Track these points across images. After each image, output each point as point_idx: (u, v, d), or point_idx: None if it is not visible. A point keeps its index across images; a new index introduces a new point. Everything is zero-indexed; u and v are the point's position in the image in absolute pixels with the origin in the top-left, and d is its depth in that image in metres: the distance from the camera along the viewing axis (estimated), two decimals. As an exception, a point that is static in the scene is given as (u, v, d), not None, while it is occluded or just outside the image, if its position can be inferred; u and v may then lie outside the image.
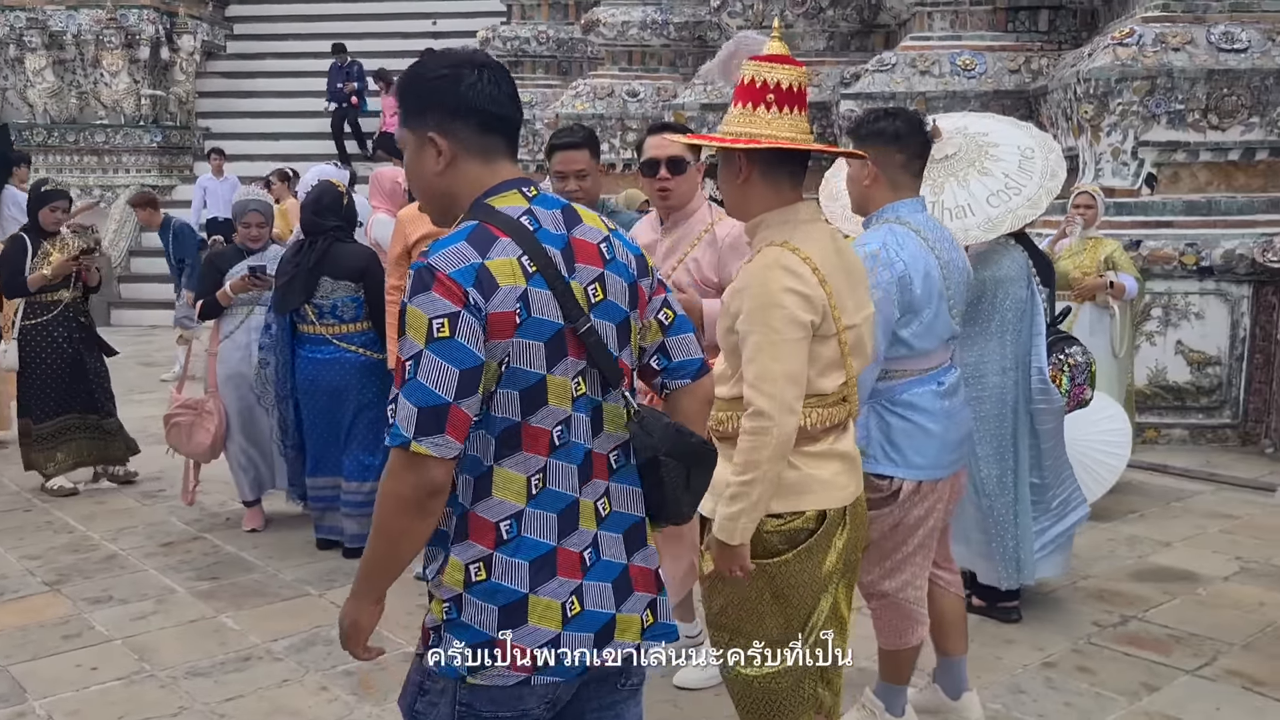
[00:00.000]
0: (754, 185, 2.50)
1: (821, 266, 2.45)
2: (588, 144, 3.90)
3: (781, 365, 2.38)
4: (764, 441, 2.38)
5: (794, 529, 2.50)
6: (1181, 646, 4.05)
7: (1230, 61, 7.57)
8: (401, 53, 17.43)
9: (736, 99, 2.49)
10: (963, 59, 9.33)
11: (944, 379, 3.08)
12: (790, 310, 2.39)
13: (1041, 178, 4.09)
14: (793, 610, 2.55)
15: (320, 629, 4.17)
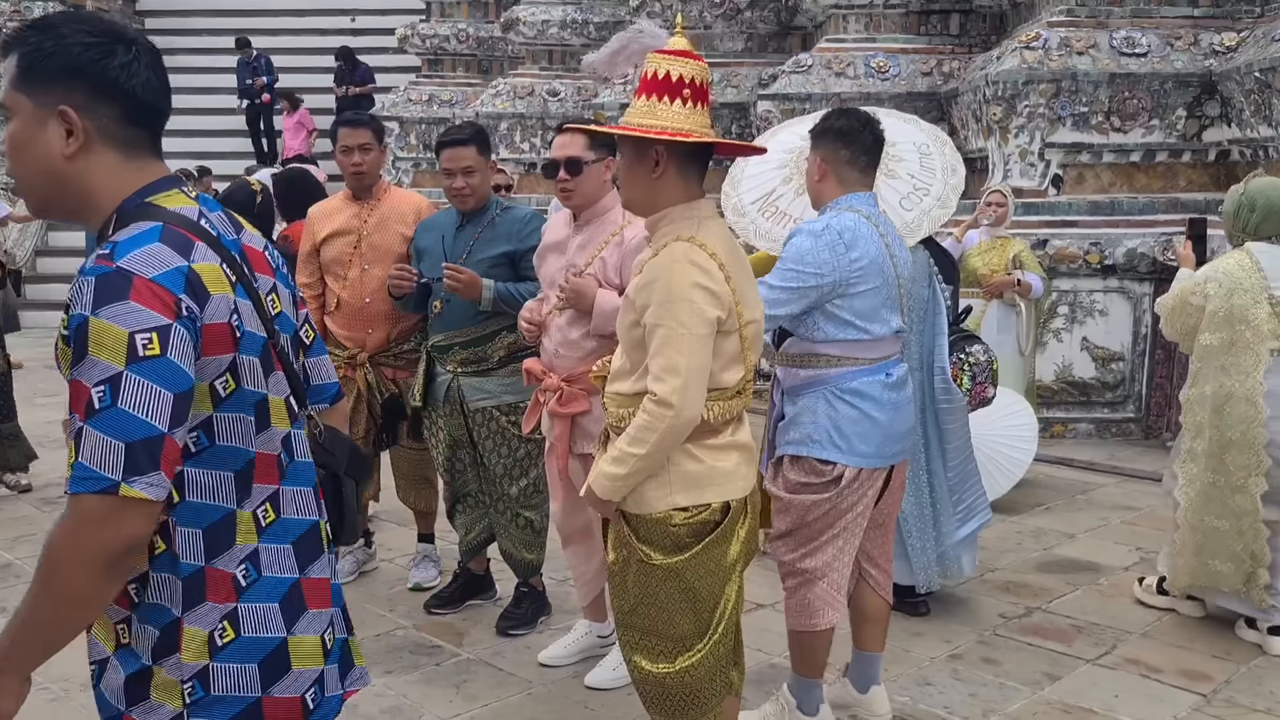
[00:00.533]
0: (667, 179, 2.51)
1: (726, 262, 2.48)
2: (475, 141, 3.91)
3: (686, 359, 2.41)
4: (659, 426, 2.42)
5: (701, 521, 2.53)
6: (1083, 636, 4.15)
7: (1131, 65, 7.79)
8: (319, 49, 17.21)
9: (642, 91, 2.48)
10: (877, 61, 9.47)
11: (893, 371, 3.17)
12: (699, 306, 2.41)
13: (944, 174, 4.15)
14: (702, 604, 2.58)
15: (225, 637, 4.07)
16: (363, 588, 4.60)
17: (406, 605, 4.39)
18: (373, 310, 4.33)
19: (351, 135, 4.33)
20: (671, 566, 2.52)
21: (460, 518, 4.27)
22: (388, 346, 4.38)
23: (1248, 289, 3.89)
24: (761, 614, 4.34)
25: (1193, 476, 4.10)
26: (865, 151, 3.19)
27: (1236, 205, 4.07)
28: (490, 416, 4.00)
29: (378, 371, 4.39)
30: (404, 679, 3.74)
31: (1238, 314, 3.90)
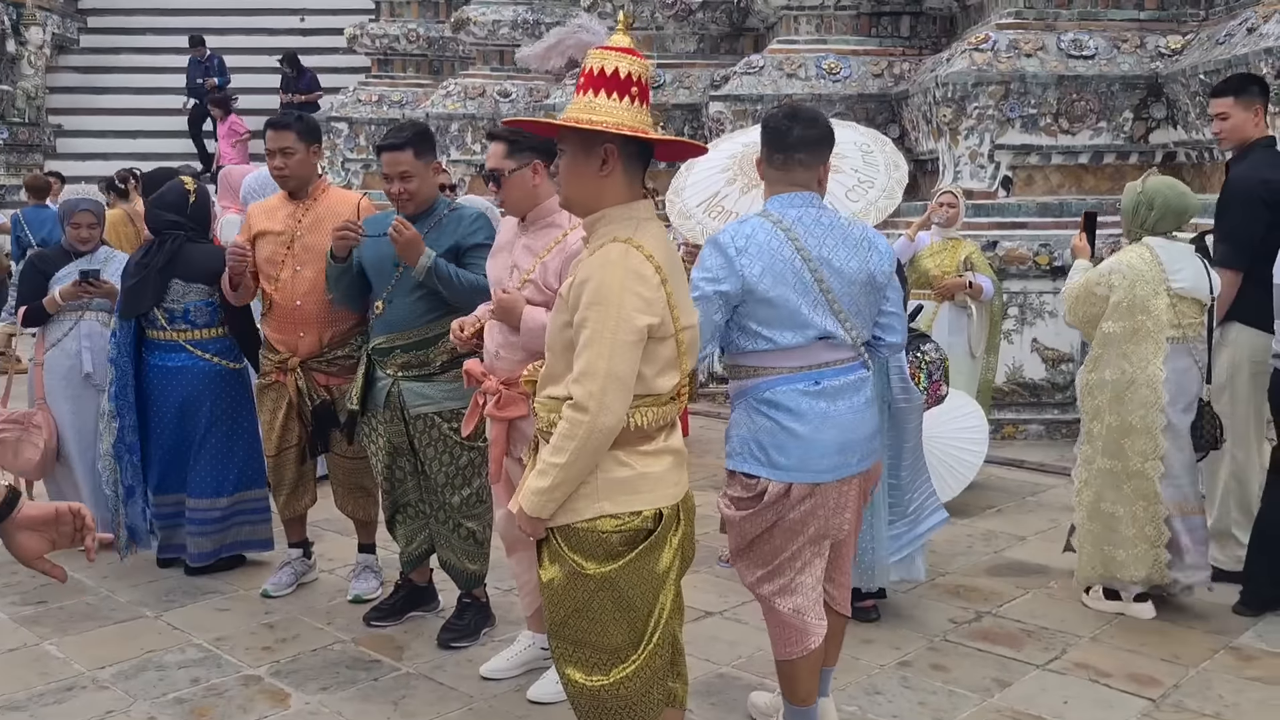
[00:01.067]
0: (614, 179, 2.44)
1: (664, 265, 2.41)
2: (412, 144, 3.82)
3: (609, 364, 2.34)
4: (578, 433, 2.36)
5: (633, 529, 2.45)
6: (1033, 640, 4.11)
7: (1079, 68, 7.81)
8: (268, 49, 16.94)
9: (587, 86, 2.41)
10: (828, 62, 9.45)
11: (822, 379, 2.94)
12: (629, 312, 2.34)
13: (887, 169, 4.15)
14: (636, 614, 2.49)
15: (153, 654, 3.93)
16: (301, 600, 4.47)
17: (345, 618, 4.27)
18: (304, 313, 4.21)
19: (275, 138, 4.23)
20: (604, 575, 2.44)
21: (401, 528, 4.16)
22: (320, 351, 4.26)
23: (1148, 280, 4.12)
24: (710, 622, 4.27)
25: (1089, 458, 4.32)
26: (782, 148, 2.98)
27: (1135, 203, 4.25)
28: (432, 423, 3.90)
29: (309, 377, 4.27)
30: (339, 695, 3.62)
31: (1139, 304, 4.12)
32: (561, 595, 2.49)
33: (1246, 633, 4.15)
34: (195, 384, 4.61)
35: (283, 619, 4.27)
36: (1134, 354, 4.16)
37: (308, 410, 4.28)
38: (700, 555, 4.99)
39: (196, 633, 4.12)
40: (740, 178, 4.19)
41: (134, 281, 4.59)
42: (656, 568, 2.48)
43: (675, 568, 2.55)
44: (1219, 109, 4.68)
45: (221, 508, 4.68)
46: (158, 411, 4.65)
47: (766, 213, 2.98)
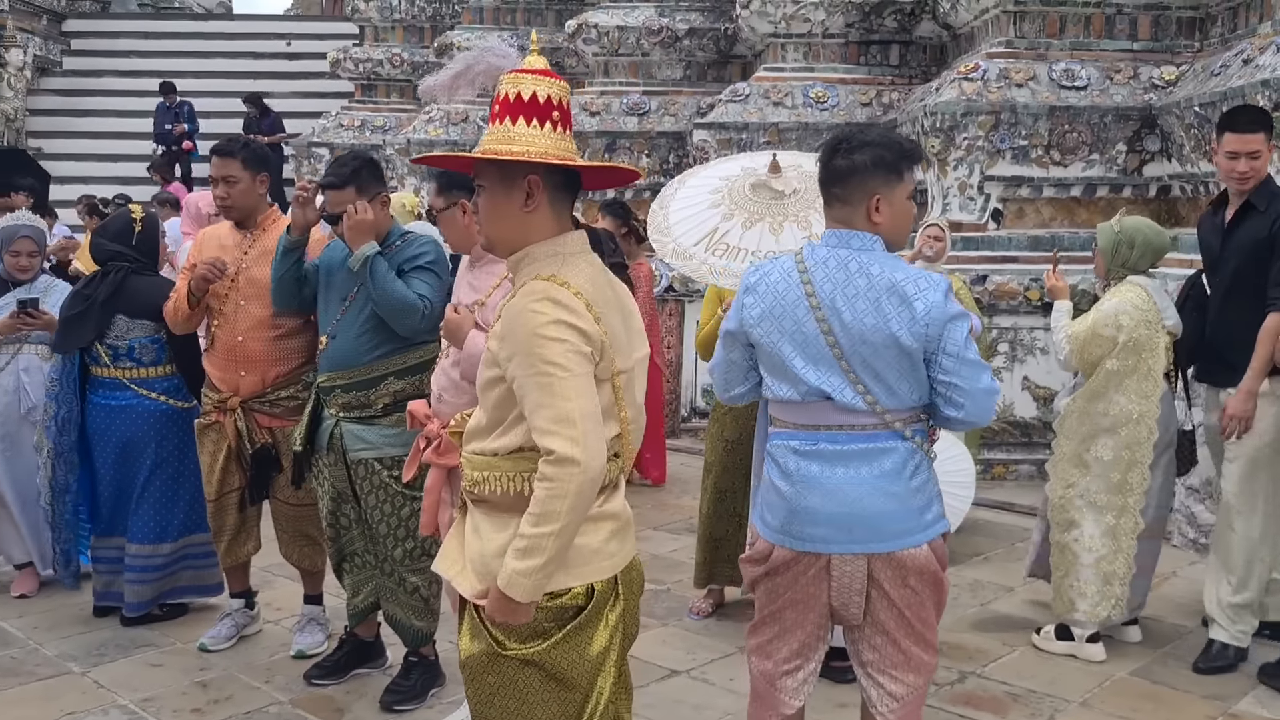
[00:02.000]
0: (540, 213, 2.23)
1: (594, 302, 2.17)
2: (352, 182, 3.62)
3: (575, 403, 2.09)
4: (566, 489, 2.08)
5: (562, 605, 2.20)
6: (1019, 705, 3.85)
7: (1071, 99, 7.63)
8: (254, 73, 16.78)
9: (503, 114, 2.19)
10: (815, 91, 9.27)
11: (822, 441, 2.59)
12: (570, 343, 2.11)
13: None
14: (568, 695, 2.24)
15: (72, 717, 3.65)
16: (240, 655, 4.19)
17: (285, 676, 4.00)
18: (246, 350, 3.97)
19: (219, 165, 4.02)
20: (527, 656, 2.19)
21: (347, 577, 3.90)
22: (263, 392, 4.01)
23: (1151, 321, 4.15)
24: (675, 682, 4.01)
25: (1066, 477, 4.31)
26: (824, 182, 2.66)
27: (1115, 243, 4.26)
28: (372, 470, 3.64)
29: (250, 418, 4.01)
30: (268, 766, 3.35)
31: (1143, 344, 4.14)
32: (481, 673, 2.24)
33: (1246, 698, 3.90)
34: (140, 424, 4.36)
35: (218, 676, 4.00)
36: (1135, 391, 4.18)
37: (247, 453, 4.02)
38: (671, 607, 4.77)
39: (123, 692, 3.85)
40: (738, 212, 3.99)
41: (73, 314, 4.35)
42: (589, 649, 2.23)
43: (615, 647, 2.29)
44: (1251, 146, 4.11)
45: (164, 554, 4.42)
46: (101, 452, 4.41)
47: (798, 252, 2.67)
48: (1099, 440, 4.23)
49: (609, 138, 10.30)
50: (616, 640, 2.29)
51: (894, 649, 2.69)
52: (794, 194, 3.88)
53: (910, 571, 2.62)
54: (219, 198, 4.04)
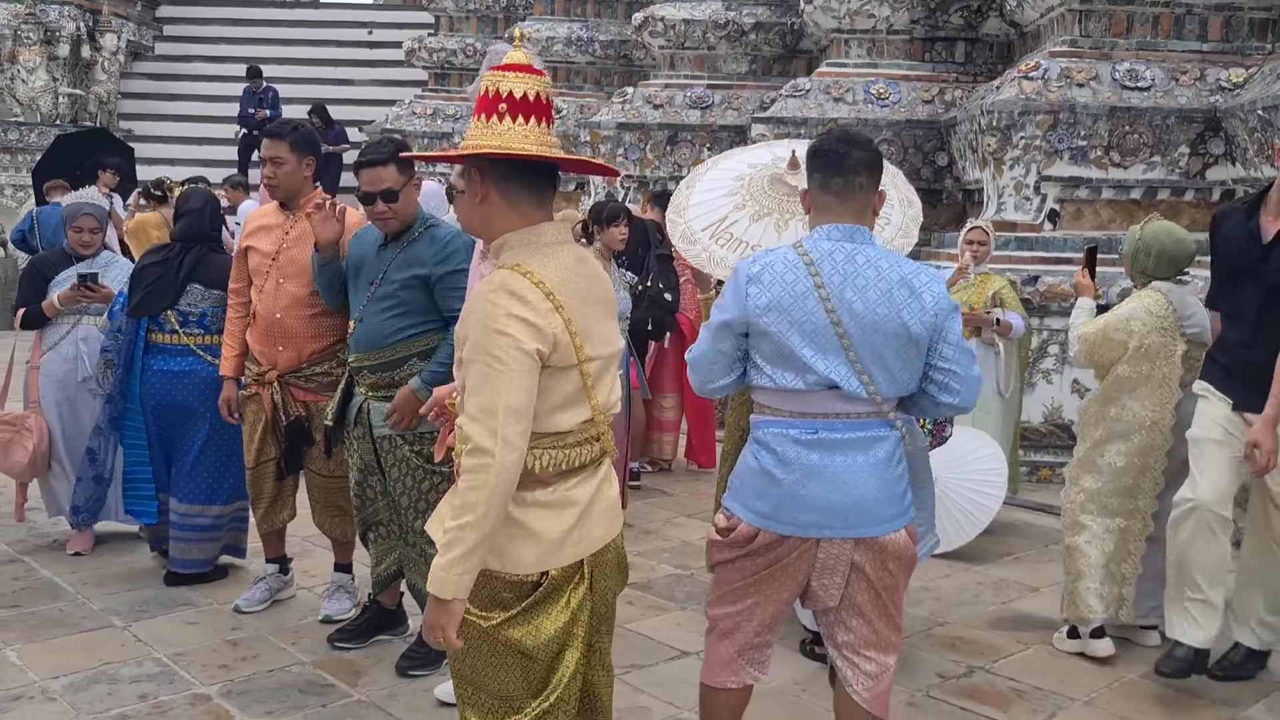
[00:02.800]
0: (492, 205, 2.33)
1: (558, 291, 2.26)
2: (394, 160, 3.72)
3: (503, 398, 2.18)
4: (482, 480, 2.16)
5: (520, 580, 2.30)
6: (1023, 701, 3.87)
7: (1133, 99, 7.52)
8: (336, 61, 17.21)
9: (475, 112, 2.33)
10: (877, 87, 9.24)
11: (823, 430, 2.68)
12: (514, 338, 2.19)
13: (902, 206, 3.99)
14: (532, 665, 2.34)
15: (110, 666, 3.88)
16: (271, 617, 4.39)
17: (311, 639, 4.18)
18: (283, 326, 4.15)
19: (268, 147, 4.19)
20: (485, 629, 2.29)
21: (373, 546, 4.06)
22: (299, 367, 4.18)
23: (1166, 329, 4.11)
24: (684, 663, 4.10)
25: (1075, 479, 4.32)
26: (839, 173, 2.73)
27: (1134, 249, 4.24)
28: (395, 445, 3.80)
29: (286, 392, 4.19)
30: (283, 721, 3.53)
31: (1156, 350, 4.11)
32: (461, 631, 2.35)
33: (1255, 705, 3.87)
34: (199, 389, 4.59)
35: (248, 636, 4.19)
36: (1147, 398, 4.15)
37: (282, 426, 4.21)
38: (691, 591, 4.85)
39: (159, 646, 4.06)
40: (750, 204, 4.02)
41: (154, 279, 4.58)
42: (546, 626, 2.31)
43: (581, 626, 2.37)
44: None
45: (212, 515, 4.65)
46: (157, 416, 4.64)
47: (798, 244, 2.74)
48: (1112, 445, 4.21)
49: (671, 130, 10.38)
50: (582, 620, 2.36)
51: (869, 630, 2.78)
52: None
53: (890, 555, 2.73)
54: (266, 177, 4.23)
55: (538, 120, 2.27)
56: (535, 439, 2.26)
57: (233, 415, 4.37)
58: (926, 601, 4.80)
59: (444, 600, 2.20)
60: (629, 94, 10.76)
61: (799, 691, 3.88)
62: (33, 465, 4.93)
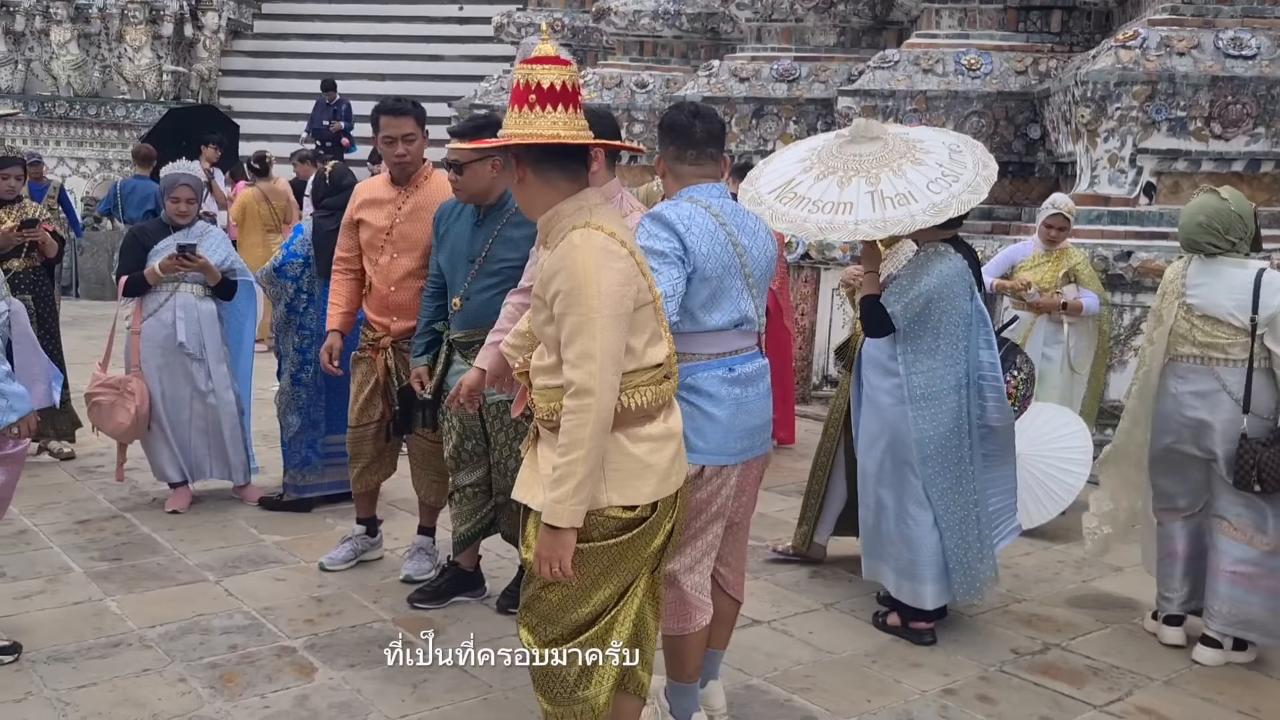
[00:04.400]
0: (529, 186, 2.55)
1: (626, 240, 2.48)
2: (476, 135, 3.82)
3: (600, 342, 2.37)
4: (586, 419, 2.37)
5: (633, 517, 2.50)
6: (1098, 679, 3.82)
7: (1237, 68, 7.25)
8: (427, 37, 17.44)
9: (510, 103, 2.50)
10: (968, 58, 9.04)
11: (737, 366, 3.03)
12: (607, 286, 2.39)
13: (976, 167, 3.96)
14: (607, 591, 2.54)
15: (202, 617, 4.05)
16: (355, 576, 4.54)
17: (392, 598, 4.31)
18: (397, 299, 4.31)
19: (395, 125, 4.22)
20: (591, 550, 2.48)
21: (456, 508, 4.17)
22: (411, 334, 4.32)
23: (1170, 293, 4.08)
24: (755, 631, 4.13)
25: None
26: (693, 144, 3.07)
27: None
28: (503, 409, 3.90)
29: (400, 357, 4.35)
30: (364, 674, 3.65)
31: (1158, 315, 4.14)
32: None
33: (1346, 692, 3.76)
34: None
35: (333, 593, 4.34)
36: (1148, 362, 4.16)
37: (394, 390, 4.36)
38: (762, 563, 4.87)
39: (248, 600, 4.23)
40: (817, 166, 4.05)
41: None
42: (644, 550, 2.54)
43: (661, 548, 2.60)
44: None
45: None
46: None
47: (694, 198, 3.03)
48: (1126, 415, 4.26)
49: (756, 104, 10.32)
50: (670, 545, 2.62)
51: (744, 534, 3.29)
52: (879, 148, 3.91)
53: (765, 465, 3.24)
54: (398, 155, 4.24)
55: (565, 106, 2.46)
56: (638, 375, 2.48)
57: (332, 363, 4.49)
58: (1005, 579, 4.74)
59: (558, 530, 2.39)
60: (715, 67, 10.71)
61: (869, 663, 3.89)
62: (134, 427, 5.15)
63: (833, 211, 3.68)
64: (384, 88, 15.72)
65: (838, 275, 8.28)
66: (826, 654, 3.95)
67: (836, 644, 4.03)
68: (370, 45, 17.01)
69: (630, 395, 2.46)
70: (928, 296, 3.87)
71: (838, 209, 3.68)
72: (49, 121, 15.61)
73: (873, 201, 3.69)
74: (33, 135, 15.59)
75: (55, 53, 15.96)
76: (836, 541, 4.90)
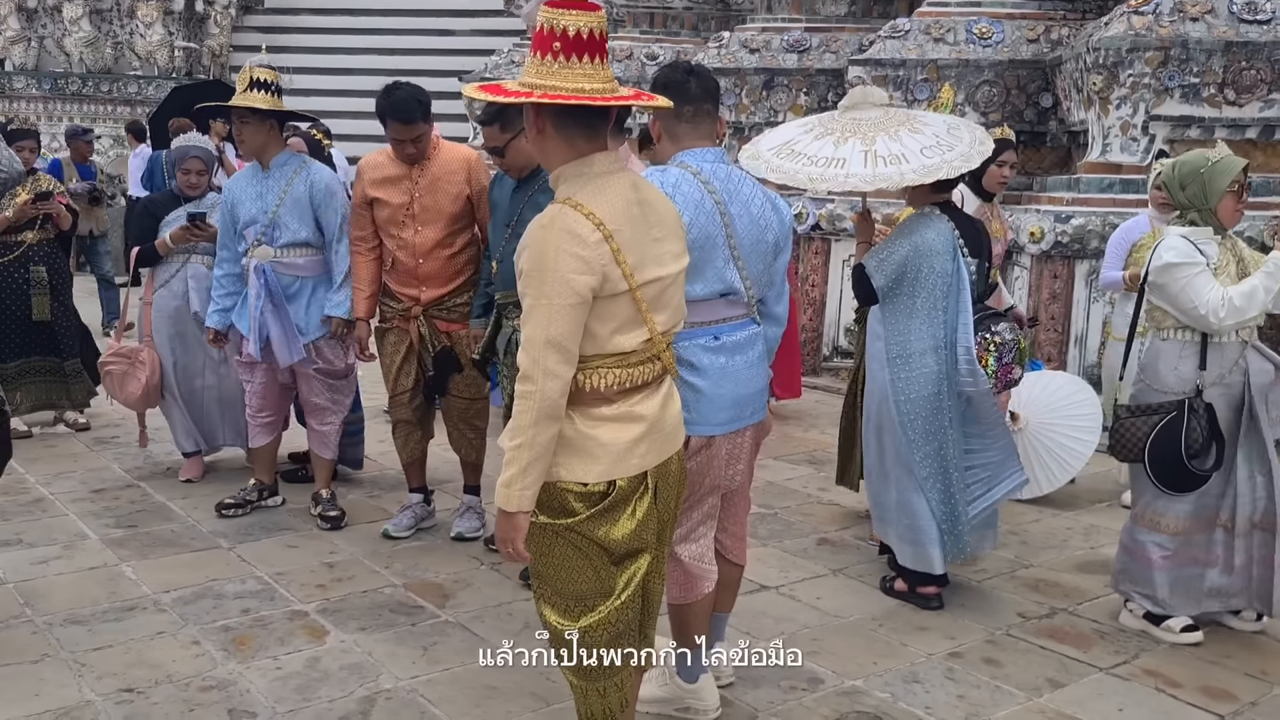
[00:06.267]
0: (548, 139, 2.43)
1: (609, 221, 2.35)
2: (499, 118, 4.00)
3: (546, 330, 2.30)
4: (527, 406, 2.32)
5: (588, 491, 2.42)
6: (1104, 642, 3.84)
7: (1251, 33, 7.18)
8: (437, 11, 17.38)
9: (532, 48, 2.37)
10: (980, 26, 8.97)
11: (722, 334, 2.97)
12: (563, 274, 2.29)
13: (971, 142, 3.97)
14: (601, 567, 2.48)
15: (215, 582, 4.10)
16: (367, 544, 4.57)
17: (402, 564, 4.35)
18: (426, 269, 4.38)
19: (404, 130, 4.26)
20: (556, 529, 2.43)
21: None
22: (441, 300, 4.40)
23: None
24: (762, 596, 4.16)
25: None
26: (689, 100, 2.98)
27: None
28: None
29: (431, 324, 4.43)
30: (375, 637, 3.69)
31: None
32: (529, 538, 2.47)
33: (1355, 655, 3.76)
34: None
35: (344, 560, 4.39)
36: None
37: (428, 356, 4.44)
38: (774, 529, 4.90)
39: (261, 566, 4.28)
40: (818, 128, 4.12)
41: None
42: (613, 531, 2.44)
43: (649, 532, 2.51)
44: None
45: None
46: None
47: (683, 164, 2.98)
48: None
49: (767, 74, 10.26)
50: (650, 527, 2.50)
51: (744, 501, 3.27)
52: (872, 119, 3.97)
53: (761, 433, 3.18)
54: (408, 154, 4.31)
55: (592, 57, 2.31)
56: (599, 359, 2.38)
57: (364, 353, 4.64)
58: (1013, 545, 4.76)
59: (509, 514, 2.36)
60: (725, 39, 10.66)
61: (876, 626, 3.91)
62: (145, 396, 5.20)
63: (825, 165, 3.77)
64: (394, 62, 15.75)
65: (849, 247, 8.27)
66: (834, 618, 3.97)
67: (844, 609, 4.06)
68: (380, 20, 16.99)
69: (587, 376, 2.37)
70: (904, 257, 3.91)
71: (831, 164, 3.77)
72: (62, 98, 15.66)
73: (865, 159, 3.78)
74: (45, 111, 15.65)
75: (68, 29, 16.00)
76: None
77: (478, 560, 4.39)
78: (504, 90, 2.34)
